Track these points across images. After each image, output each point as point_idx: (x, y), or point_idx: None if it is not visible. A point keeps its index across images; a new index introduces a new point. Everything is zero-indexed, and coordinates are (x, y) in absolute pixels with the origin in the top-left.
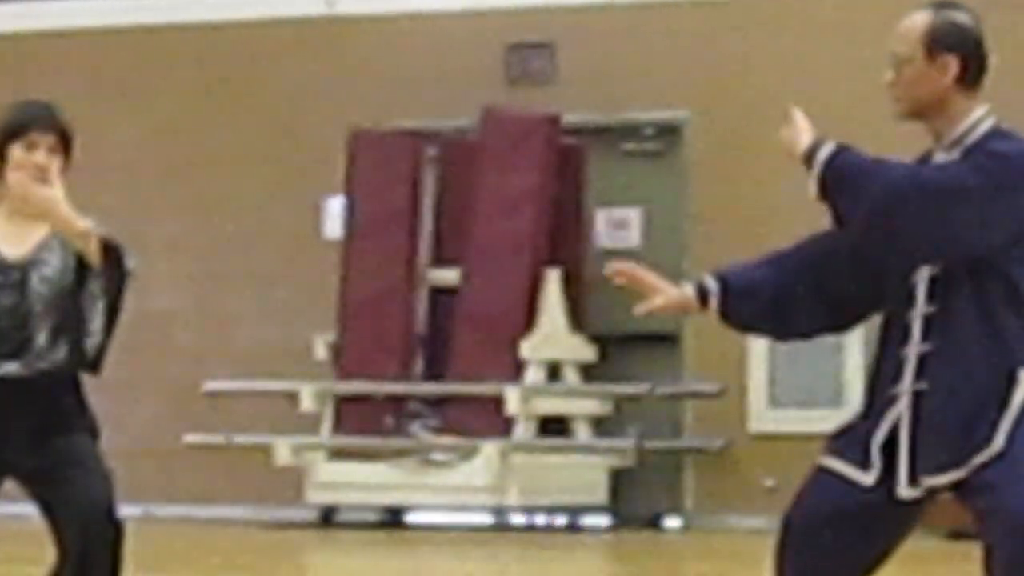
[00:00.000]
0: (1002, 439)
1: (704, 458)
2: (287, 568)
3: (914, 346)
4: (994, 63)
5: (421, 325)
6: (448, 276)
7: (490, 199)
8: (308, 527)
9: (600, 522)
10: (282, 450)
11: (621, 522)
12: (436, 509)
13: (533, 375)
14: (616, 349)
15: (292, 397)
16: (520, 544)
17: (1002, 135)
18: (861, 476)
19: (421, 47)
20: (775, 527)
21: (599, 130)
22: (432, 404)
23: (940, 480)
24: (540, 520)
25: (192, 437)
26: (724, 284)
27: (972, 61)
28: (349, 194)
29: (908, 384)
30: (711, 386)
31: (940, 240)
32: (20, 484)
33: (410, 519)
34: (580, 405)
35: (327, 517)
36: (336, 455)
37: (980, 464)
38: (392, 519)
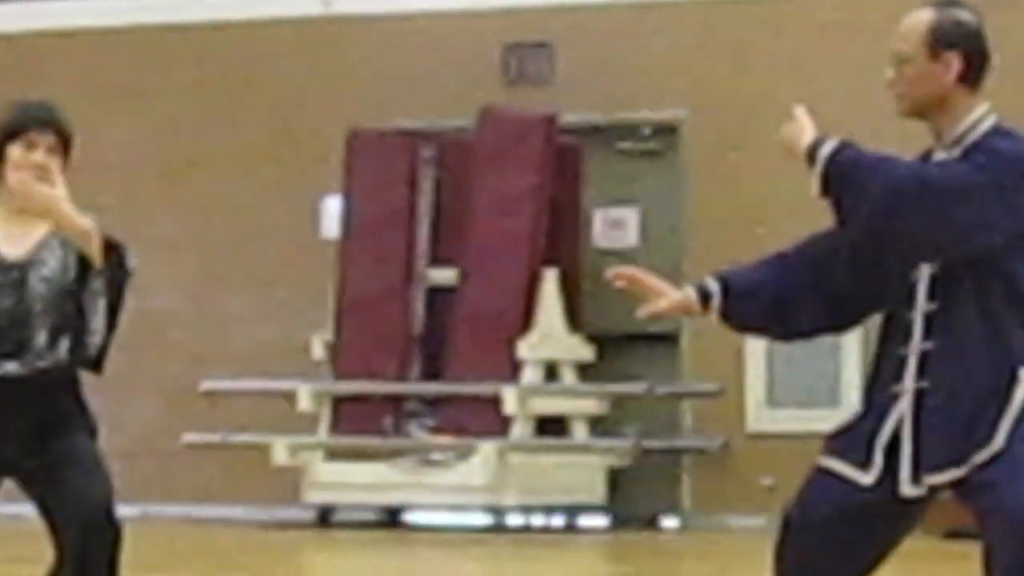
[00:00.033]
0: (1002, 438)
1: (702, 458)
2: (285, 568)
3: (915, 344)
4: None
5: (419, 325)
6: (446, 276)
7: (488, 199)
8: (306, 527)
9: (598, 522)
10: (280, 450)
11: (619, 522)
12: (434, 509)
13: (531, 375)
14: (614, 349)
15: (290, 397)
16: (518, 544)
17: (1003, 133)
18: (861, 476)
19: (419, 47)
20: (773, 527)
21: (596, 130)
22: (430, 404)
23: (942, 478)
24: (538, 520)
25: (190, 437)
26: (725, 286)
27: (974, 59)
28: (347, 194)
29: (910, 383)
30: (709, 386)
31: (941, 238)
32: (19, 484)
33: (408, 519)
34: (578, 405)
35: (325, 517)
36: (334, 455)
37: (980, 463)
38: (390, 519)
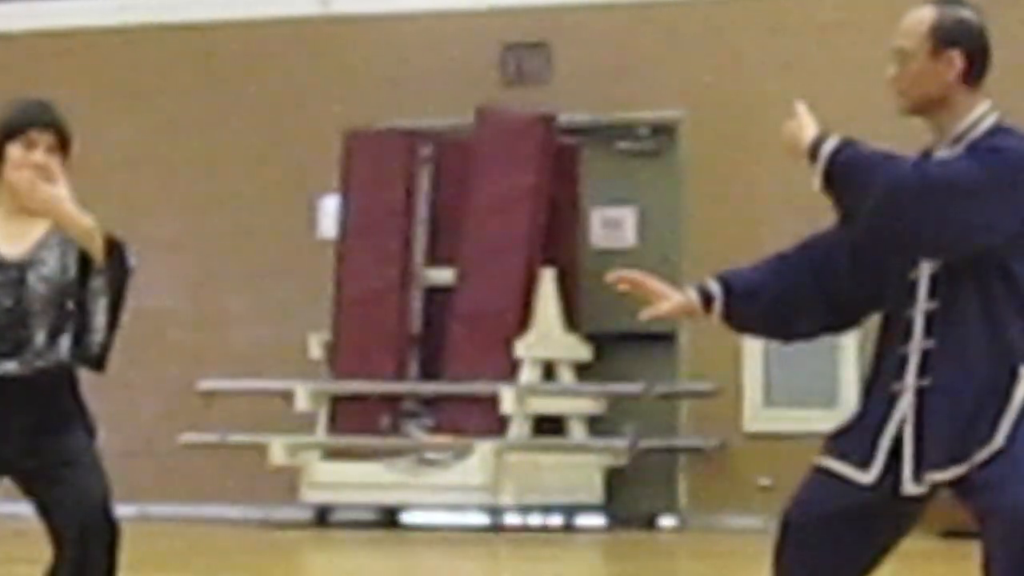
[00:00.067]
0: (1003, 436)
1: (699, 458)
2: (282, 567)
3: (916, 343)
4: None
5: (416, 324)
6: (443, 275)
7: (485, 198)
8: (303, 526)
9: (595, 522)
10: (277, 449)
11: (616, 522)
12: (431, 508)
13: (528, 374)
14: (611, 348)
15: (287, 396)
16: (515, 543)
17: (1005, 132)
18: (861, 475)
19: (416, 46)
20: (770, 526)
21: (594, 129)
22: (427, 403)
23: (944, 476)
24: (535, 520)
25: (188, 436)
26: (727, 287)
27: (976, 57)
28: (344, 193)
29: (911, 381)
30: (706, 386)
31: (943, 236)
32: (17, 483)
33: (405, 518)
34: (575, 404)
35: (322, 516)
36: (331, 454)
37: (981, 461)
38: (387, 518)
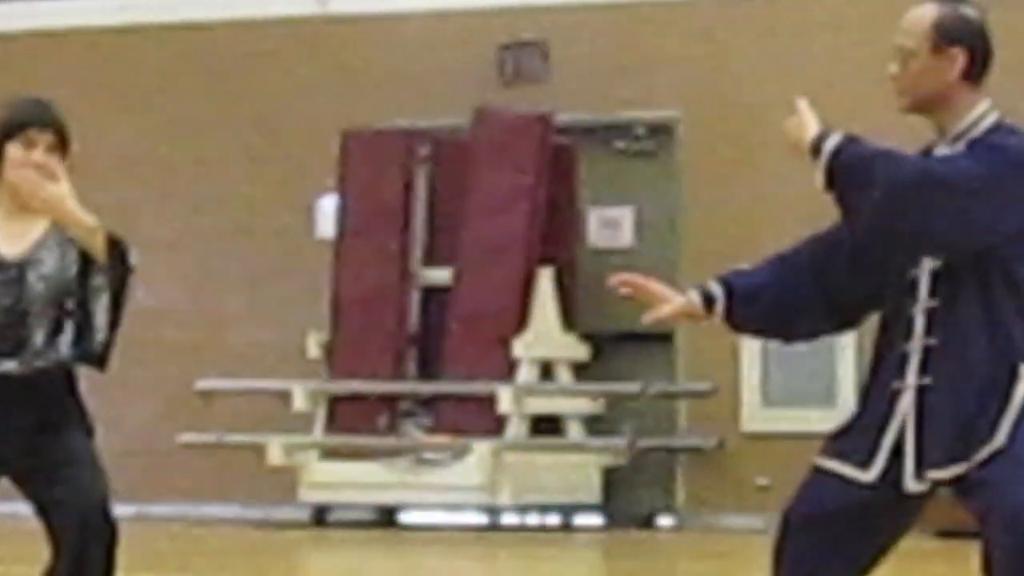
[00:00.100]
0: (1004, 436)
1: (697, 457)
2: (280, 567)
3: (917, 340)
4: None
5: (414, 324)
6: (441, 275)
7: (483, 198)
8: (301, 526)
9: (593, 521)
10: (275, 449)
11: (614, 521)
12: (429, 508)
13: (526, 374)
14: (609, 348)
15: (285, 396)
16: (513, 543)
17: (1006, 130)
18: (861, 474)
19: (413, 46)
20: (768, 526)
21: (591, 129)
22: (425, 403)
23: (945, 474)
24: (533, 519)
25: (186, 436)
26: (728, 289)
27: (978, 55)
28: (342, 193)
29: (912, 379)
30: (704, 385)
31: (946, 233)
32: (15, 483)
33: (403, 518)
34: (573, 404)
35: (320, 516)
36: (329, 454)
37: (981, 460)
38: (385, 518)
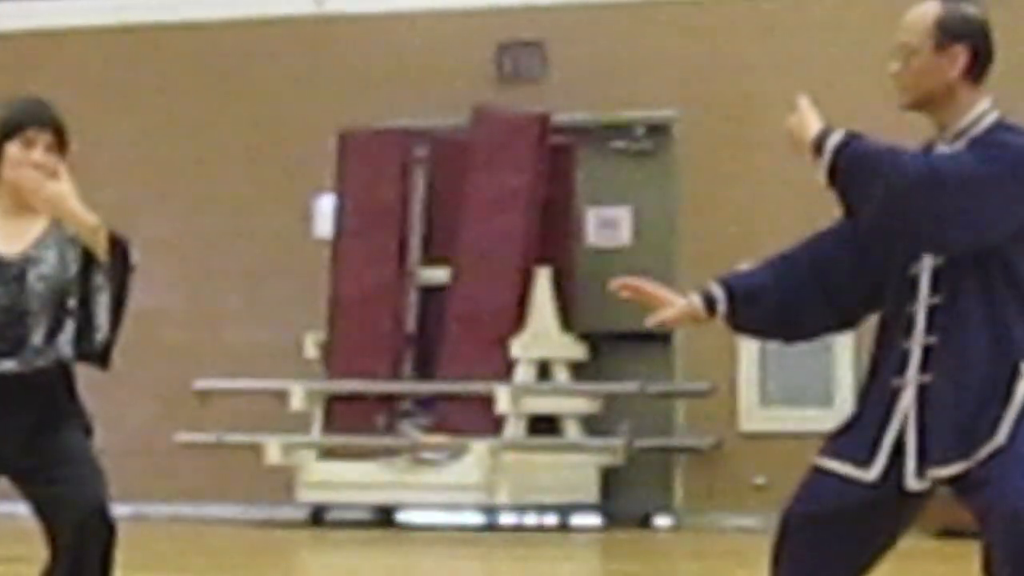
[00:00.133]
0: (1004, 434)
1: (695, 457)
2: (278, 567)
3: (918, 338)
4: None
5: (411, 324)
6: (438, 275)
7: (480, 198)
8: (299, 526)
9: (590, 521)
10: (273, 449)
11: (611, 521)
12: (427, 508)
13: (523, 374)
14: (606, 348)
15: (282, 396)
16: (510, 543)
17: (1007, 128)
18: (861, 473)
19: (411, 46)
20: (766, 526)
21: (589, 129)
22: (422, 403)
23: (947, 472)
24: (530, 519)
25: (183, 436)
26: (729, 291)
27: (980, 52)
28: (339, 193)
29: (913, 376)
30: (701, 385)
31: (948, 231)
32: (13, 483)
33: (400, 518)
34: (570, 404)
35: (318, 516)
36: (327, 454)
37: (982, 458)
38: (383, 518)
